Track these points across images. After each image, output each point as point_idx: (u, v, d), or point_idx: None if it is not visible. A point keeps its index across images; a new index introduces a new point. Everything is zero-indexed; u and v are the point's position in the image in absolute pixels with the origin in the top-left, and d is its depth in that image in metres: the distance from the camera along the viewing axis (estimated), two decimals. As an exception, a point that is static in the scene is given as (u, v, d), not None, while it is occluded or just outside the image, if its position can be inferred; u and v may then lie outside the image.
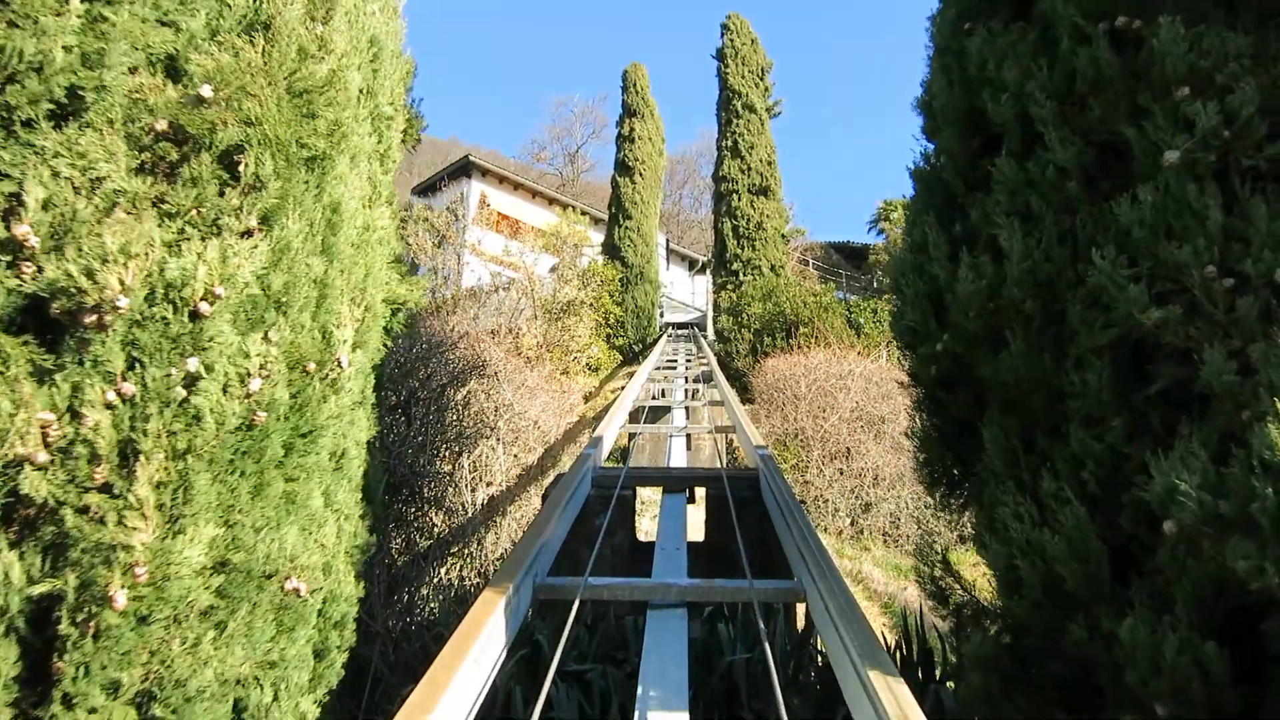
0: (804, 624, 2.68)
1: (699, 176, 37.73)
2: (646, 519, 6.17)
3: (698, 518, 3.62)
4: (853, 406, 9.64)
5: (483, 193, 21.01)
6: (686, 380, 10.71)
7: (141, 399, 1.47)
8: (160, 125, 1.60)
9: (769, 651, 1.59)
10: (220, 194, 1.66)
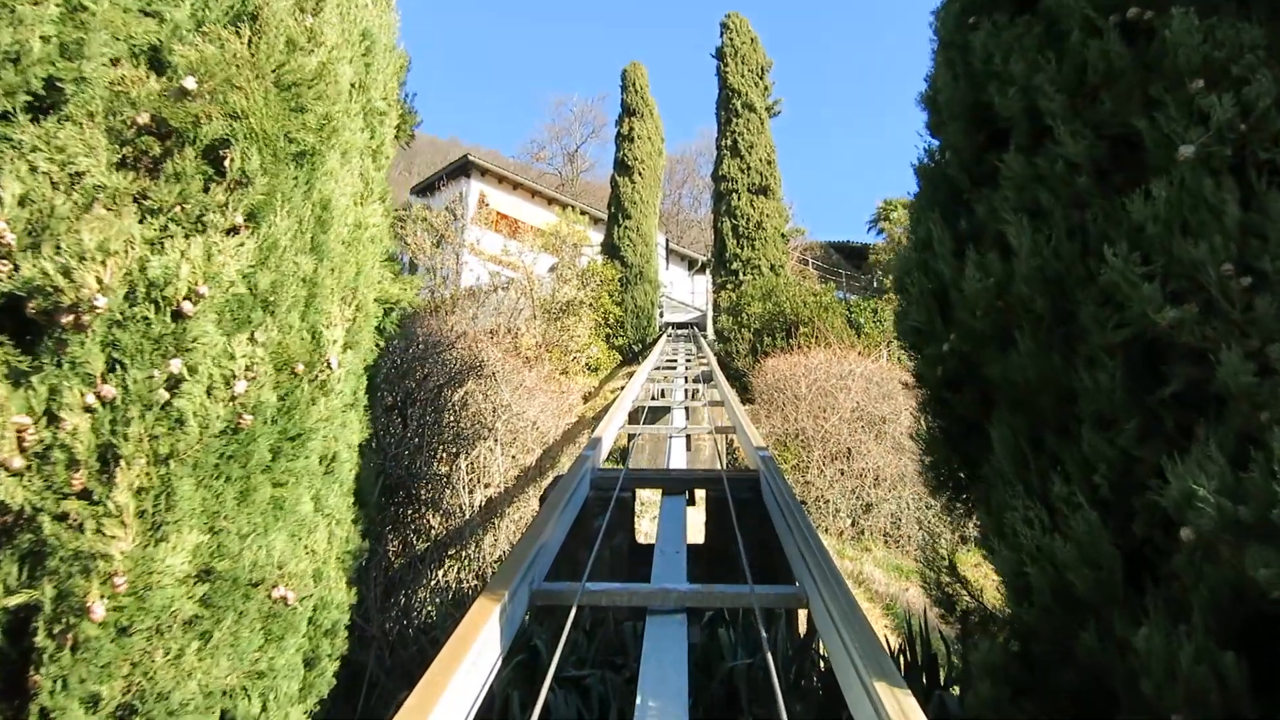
0: (805, 628, 2.64)
1: (698, 176, 37.74)
2: (646, 521, 6.12)
3: (698, 520, 3.58)
4: (853, 406, 9.61)
5: (482, 192, 20.97)
6: (686, 380, 10.68)
7: (122, 402, 1.42)
8: (142, 118, 1.55)
9: (770, 658, 1.56)
10: (205, 190, 1.61)
